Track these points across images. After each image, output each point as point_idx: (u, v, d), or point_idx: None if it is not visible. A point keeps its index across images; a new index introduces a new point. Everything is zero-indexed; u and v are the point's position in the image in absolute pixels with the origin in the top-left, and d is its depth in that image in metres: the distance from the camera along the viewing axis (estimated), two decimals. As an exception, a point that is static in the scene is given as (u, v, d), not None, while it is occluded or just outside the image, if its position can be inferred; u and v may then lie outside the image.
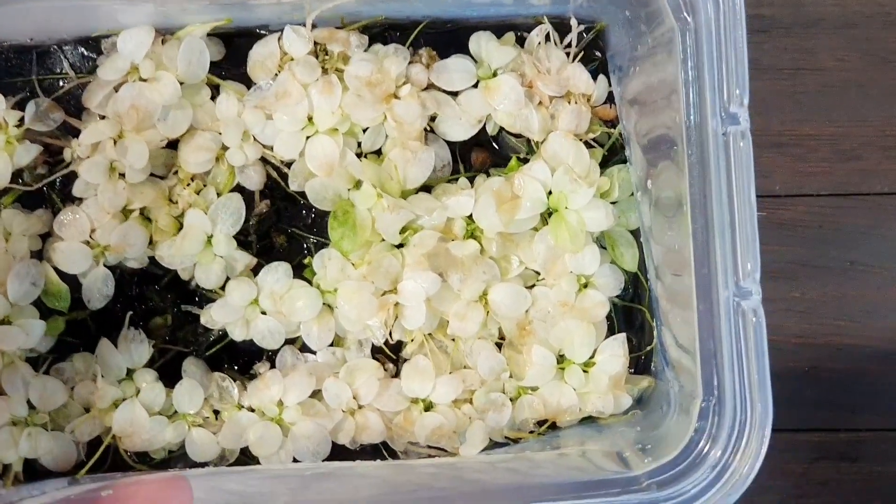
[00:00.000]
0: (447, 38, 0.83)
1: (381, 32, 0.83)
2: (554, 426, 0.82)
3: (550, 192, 0.80)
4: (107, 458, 0.80)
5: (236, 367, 0.82)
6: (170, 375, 0.81)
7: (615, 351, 0.81)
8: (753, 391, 0.69)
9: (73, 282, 0.80)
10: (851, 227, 0.93)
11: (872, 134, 0.94)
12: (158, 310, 0.82)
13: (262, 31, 0.82)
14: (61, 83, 0.81)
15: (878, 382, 0.93)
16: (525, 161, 0.82)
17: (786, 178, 0.92)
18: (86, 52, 0.82)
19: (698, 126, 0.70)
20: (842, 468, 0.93)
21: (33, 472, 0.79)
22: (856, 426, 0.92)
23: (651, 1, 0.73)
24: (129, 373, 0.80)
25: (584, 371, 0.81)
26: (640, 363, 0.84)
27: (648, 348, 0.83)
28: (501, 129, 0.83)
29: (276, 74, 0.80)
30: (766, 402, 0.68)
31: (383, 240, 0.79)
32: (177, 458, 0.81)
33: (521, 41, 0.83)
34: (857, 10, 0.94)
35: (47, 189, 0.80)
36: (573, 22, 0.82)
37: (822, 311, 0.93)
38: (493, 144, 0.84)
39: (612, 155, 0.83)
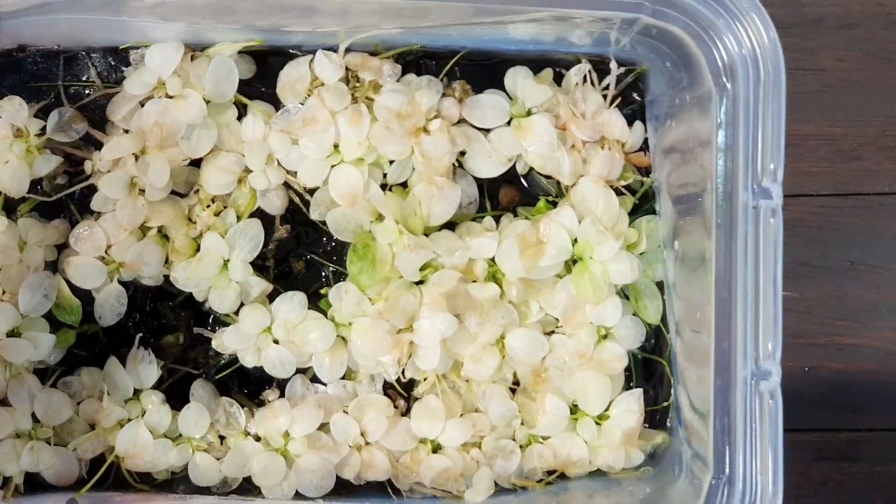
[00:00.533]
0: (483, 71, 0.84)
1: (415, 60, 0.84)
2: (563, 476, 0.84)
3: (576, 240, 0.81)
4: (108, 476, 0.82)
5: (245, 392, 0.84)
6: (178, 396, 0.83)
7: (630, 406, 0.82)
8: (765, 474, 0.70)
9: (85, 295, 0.82)
10: (851, 227, 0.94)
11: (872, 134, 0.95)
12: (171, 328, 0.84)
13: (295, 52, 0.83)
14: (87, 91, 0.83)
15: (878, 382, 0.95)
16: (554, 203, 0.83)
17: (786, 178, 0.92)
18: (113, 62, 0.83)
19: (728, 195, 0.72)
20: (842, 468, 0.95)
21: (34, 484, 0.82)
22: (856, 426, 0.94)
23: (692, 59, 0.74)
24: (136, 393, 0.82)
25: (598, 424, 0.82)
26: (657, 417, 0.85)
27: (665, 403, 0.84)
28: (531, 168, 0.84)
29: (306, 98, 0.82)
30: (777, 486, 0.70)
31: (402, 276, 0.81)
32: (179, 479, 0.83)
33: (558, 77, 0.84)
34: (857, 10, 0.95)
35: (66, 199, 0.82)
36: (613, 65, 0.83)
37: (822, 311, 0.94)
38: (523, 182, 0.85)
39: (643, 202, 0.84)
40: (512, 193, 0.85)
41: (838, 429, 0.94)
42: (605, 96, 0.84)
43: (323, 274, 0.85)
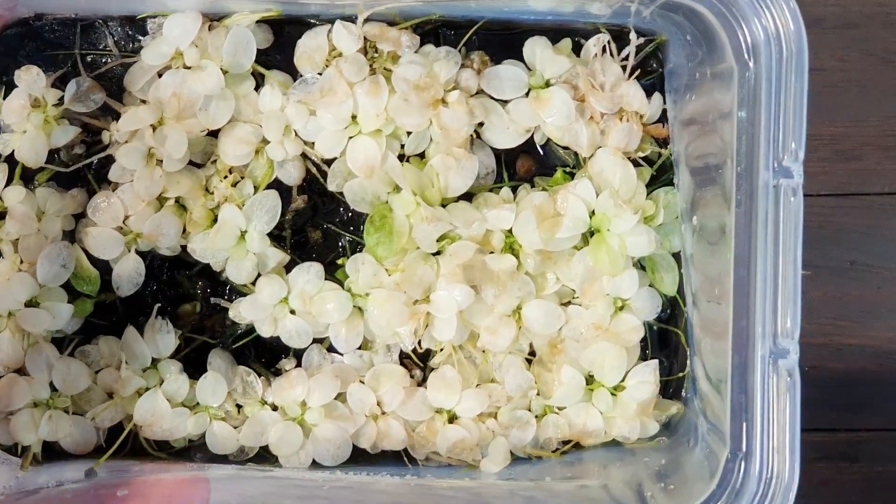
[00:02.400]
0: (502, 40, 0.84)
1: (434, 30, 0.84)
2: (578, 446, 0.85)
3: (593, 212, 0.81)
4: (126, 444, 0.83)
5: (262, 361, 0.85)
6: (195, 364, 0.84)
7: (646, 377, 0.83)
8: (782, 452, 0.71)
9: (103, 265, 0.82)
10: (851, 227, 0.94)
11: (872, 134, 0.95)
12: (188, 296, 0.85)
13: (313, 22, 0.83)
14: (104, 60, 0.83)
15: (878, 382, 0.95)
16: (571, 174, 0.84)
17: None
18: (130, 31, 0.83)
19: (748, 173, 0.72)
20: (842, 468, 0.95)
21: (52, 453, 0.83)
22: (856, 426, 0.94)
23: (714, 36, 0.74)
24: (154, 362, 0.83)
25: (613, 395, 0.83)
26: (672, 387, 0.86)
27: (681, 374, 0.85)
28: (549, 139, 0.84)
29: (324, 68, 0.82)
30: (794, 464, 0.70)
31: (419, 248, 0.82)
32: (197, 447, 0.84)
33: (577, 46, 0.84)
34: (857, 10, 0.94)
35: (83, 169, 0.82)
36: (632, 35, 0.83)
37: (822, 311, 0.94)
38: (540, 152, 0.85)
39: (661, 174, 0.85)
40: (529, 164, 0.85)
41: (838, 429, 0.95)
42: (623, 67, 0.83)
43: (340, 244, 0.85)
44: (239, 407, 0.83)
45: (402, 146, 0.83)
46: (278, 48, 0.84)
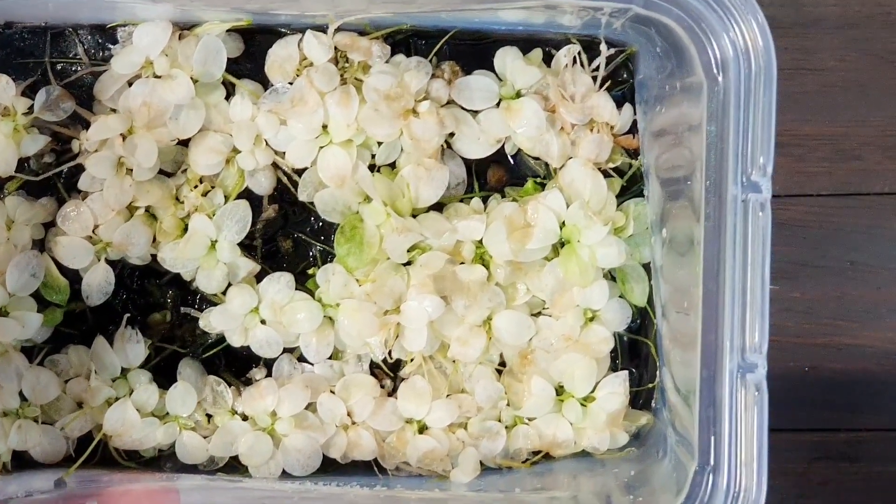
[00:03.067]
0: (473, 50, 0.84)
1: (405, 39, 0.84)
2: (548, 457, 0.85)
3: (564, 223, 0.82)
4: (96, 454, 0.83)
5: (233, 370, 0.85)
6: (165, 373, 0.83)
7: (616, 388, 0.83)
8: (750, 466, 0.71)
9: (73, 274, 0.82)
10: (851, 227, 0.94)
11: (872, 134, 0.95)
12: (158, 306, 0.85)
13: (284, 31, 0.83)
14: (74, 68, 0.83)
15: (878, 382, 0.96)
16: (542, 185, 0.84)
17: (786, 178, 0.93)
18: (101, 40, 0.83)
19: (717, 186, 0.72)
20: (842, 468, 0.96)
21: (22, 462, 0.82)
22: (856, 426, 0.95)
23: (683, 50, 0.74)
24: (124, 371, 0.82)
25: (583, 405, 0.83)
26: (642, 397, 0.86)
27: (651, 385, 0.85)
28: (520, 149, 0.84)
29: (295, 77, 0.82)
30: (761, 477, 0.71)
31: (389, 258, 0.82)
32: (166, 457, 0.84)
33: (548, 57, 0.85)
34: (857, 10, 0.94)
35: (53, 177, 0.82)
36: (603, 47, 0.83)
37: (822, 311, 0.95)
38: (511, 162, 0.85)
39: (632, 185, 0.85)
40: (500, 174, 0.85)
41: (838, 429, 0.95)
42: (594, 78, 0.84)
43: (310, 253, 0.85)
44: (209, 416, 0.83)
45: (373, 156, 0.83)
46: (249, 57, 0.84)
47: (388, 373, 0.85)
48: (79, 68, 0.83)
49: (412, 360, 0.84)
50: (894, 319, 0.96)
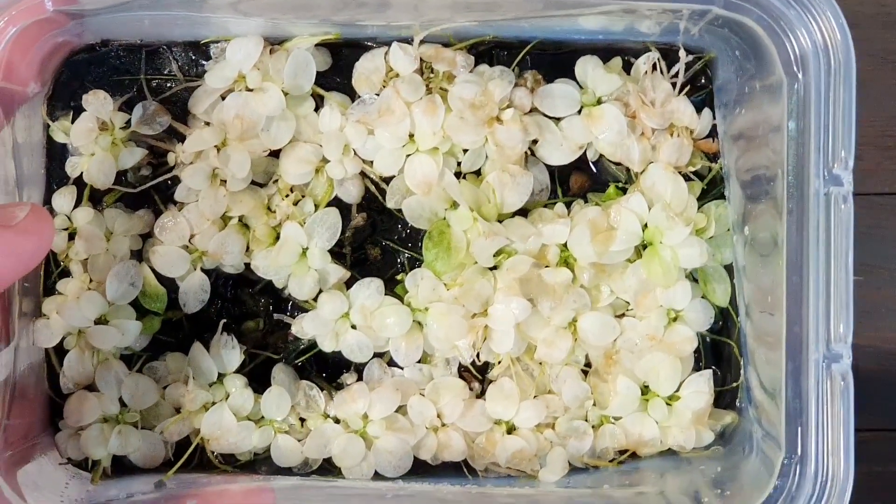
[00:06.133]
0: (554, 60, 0.86)
1: (488, 51, 0.86)
2: (634, 456, 0.86)
3: (646, 226, 0.83)
4: (193, 457, 0.85)
5: (324, 375, 0.87)
6: (259, 379, 0.86)
7: (700, 387, 0.85)
8: (837, 455, 0.73)
9: (170, 283, 0.85)
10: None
11: (872, 134, 0.96)
12: (252, 314, 0.87)
13: (370, 44, 0.85)
14: (169, 84, 0.86)
15: (878, 382, 0.96)
16: (623, 189, 0.86)
17: None
18: (194, 56, 0.86)
19: (799, 182, 0.74)
20: None
21: (122, 467, 0.85)
22: (856, 426, 0.95)
23: (763, 49, 0.76)
24: (220, 377, 0.85)
25: (668, 404, 0.85)
26: (726, 397, 0.87)
27: (735, 384, 0.86)
28: (602, 155, 0.86)
29: (381, 89, 0.84)
30: (848, 465, 0.72)
31: (476, 262, 0.83)
32: (262, 460, 0.86)
33: (627, 65, 0.86)
34: (857, 10, 0.95)
35: (150, 189, 0.85)
36: (681, 53, 0.84)
37: None
38: (593, 169, 0.87)
39: (712, 187, 0.86)
40: (582, 180, 0.87)
41: None
42: (673, 84, 0.85)
43: (398, 260, 0.87)
44: (302, 420, 0.85)
45: (459, 164, 0.85)
46: (337, 70, 0.86)
47: (477, 375, 0.86)
48: (173, 84, 0.85)
49: (500, 362, 0.85)
50: (894, 319, 0.97)
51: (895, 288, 0.96)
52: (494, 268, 0.84)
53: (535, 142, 0.85)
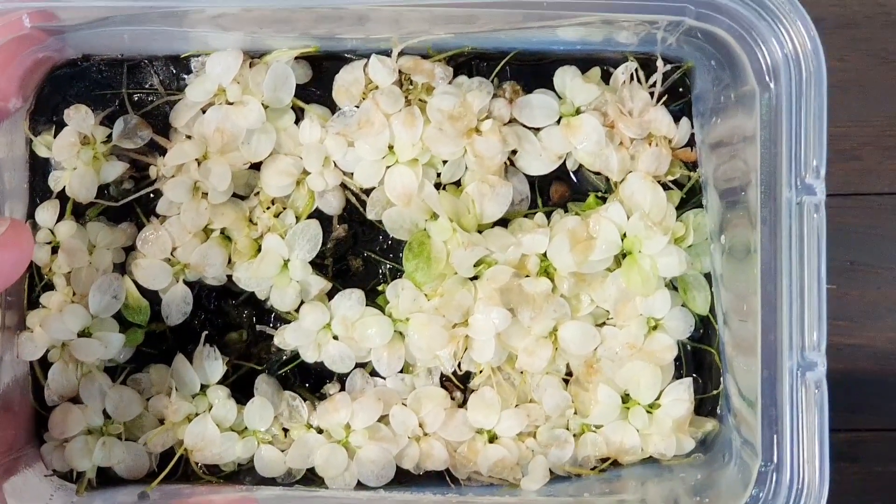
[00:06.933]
0: (533, 70, 0.87)
1: (467, 62, 0.87)
2: (616, 464, 0.87)
3: (625, 235, 0.84)
4: (178, 468, 0.86)
5: (307, 386, 0.88)
6: (242, 390, 0.86)
7: (681, 395, 0.85)
8: (812, 462, 0.73)
9: (153, 295, 0.86)
10: (851, 227, 0.95)
11: (872, 134, 0.97)
12: (234, 325, 0.87)
13: (350, 56, 0.86)
14: (150, 98, 0.86)
15: (878, 382, 0.97)
16: (604, 199, 0.86)
17: None
18: (175, 70, 0.86)
19: (772, 191, 0.74)
20: (842, 468, 0.97)
21: (106, 478, 0.85)
22: (856, 426, 0.95)
23: (736, 59, 0.77)
24: (203, 388, 0.85)
25: (649, 412, 0.85)
26: (707, 405, 0.88)
27: (715, 392, 0.87)
28: (581, 165, 0.87)
29: (361, 101, 0.85)
30: (823, 472, 0.73)
31: (456, 273, 0.84)
32: (246, 471, 0.86)
33: (606, 75, 0.87)
34: (857, 10, 0.96)
35: (132, 203, 0.85)
36: (659, 63, 0.85)
37: None
38: (573, 178, 0.87)
39: (691, 196, 0.87)
40: (562, 190, 0.87)
41: (838, 429, 0.95)
42: (651, 93, 0.86)
43: (380, 271, 0.88)
44: (285, 431, 0.86)
45: (439, 174, 0.85)
46: (317, 83, 0.87)
47: (458, 385, 0.87)
48: (154, 98, 0.86)
49: (481, 371, 0.86)
50: (894, 319, 0.97)
51: (895, 288, 0.97)
52: (475, 278, 0.84)
53: (514, 152, 0.86)
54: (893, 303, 0.96)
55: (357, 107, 0.85)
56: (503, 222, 0.86)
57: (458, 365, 0.85)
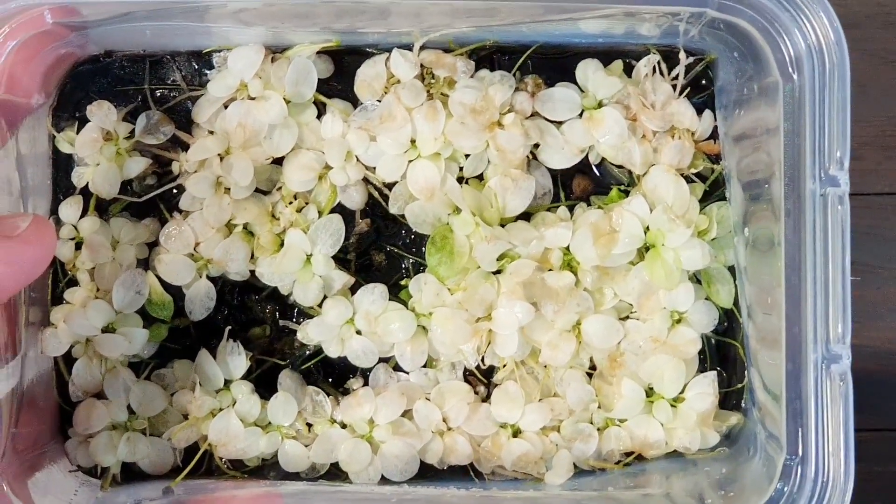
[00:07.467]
0: (555, 64, 0.87)
1: (488, 55, 0.87)
2: (640, 458, 0.87)
3: (648, 228, 0.84)
4: (202, 464, 0.86)
5: (330, 381, 0.88)
6: (265, 385, 0.86)
7: (705, 389, 0.85)
8: (837, 455, 0.73)
9: (176, 291, 0.86)
10: (851, 227, 0.94)
11: (872, 134, 0.96)
12: (258, 320, 0.88)
13: (371, 51, 0.86)
14: (172, 94, 0.86)
15: (878, 382, 0.96)
16: (626, 192, 0.86)
17: None
18: (197, 65, 0.87)
19: (796, 182, 0.74)
20: None
21: (131, 474, 0.86)
22: (856, 426, 0.94)
23: (758, 51, 0.76)
24: (227, 383, 0.85)
25: (673, 406, 0.85)
26: (732, 398, 0.88)
27: (739, 385, 0.87)
28: (604, 158, 0.86)
29: (383, 95, 0.85)
30: (848, 465, 0.73)
31: (479, 267, 0.84)
32: (270, 465, 0.87)
33: (628, 68, 0.87)
34: (857, 10, 0.95)
35: (155, 198, 0.86)
36: (682, 55, 0.85)
37: None
38: (595, 172, 0.87)
39: (714, 189, 0.87)
40: (585, 183, 0.87)
41: None
42: (674, 86, 0.86)
43: (403, 266, 0.88)
44: (309, 426, 0.86)
45: (461, 168, 0.85)
46: (338, 77, 0.87)
47: (482, 379, 0.87)
48: (177, 94, 0.86)
49: (504, 365, 0.86)
50: (894, 319, 0.96)
51: (895, 288, 0.96)
52: (498, 272, 0.84)
53: (536, 146, 0.85)
54: (893, 303, 0.96)
55: (379, 101, 0.85)
56: (526, 216, 0.86)
57: (482, 359, 0.85)
